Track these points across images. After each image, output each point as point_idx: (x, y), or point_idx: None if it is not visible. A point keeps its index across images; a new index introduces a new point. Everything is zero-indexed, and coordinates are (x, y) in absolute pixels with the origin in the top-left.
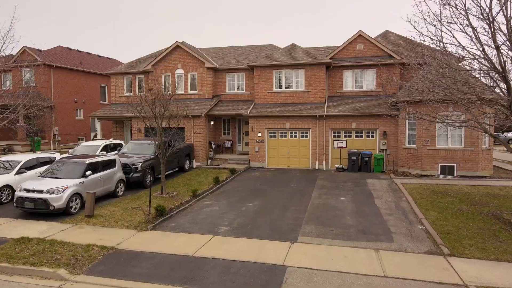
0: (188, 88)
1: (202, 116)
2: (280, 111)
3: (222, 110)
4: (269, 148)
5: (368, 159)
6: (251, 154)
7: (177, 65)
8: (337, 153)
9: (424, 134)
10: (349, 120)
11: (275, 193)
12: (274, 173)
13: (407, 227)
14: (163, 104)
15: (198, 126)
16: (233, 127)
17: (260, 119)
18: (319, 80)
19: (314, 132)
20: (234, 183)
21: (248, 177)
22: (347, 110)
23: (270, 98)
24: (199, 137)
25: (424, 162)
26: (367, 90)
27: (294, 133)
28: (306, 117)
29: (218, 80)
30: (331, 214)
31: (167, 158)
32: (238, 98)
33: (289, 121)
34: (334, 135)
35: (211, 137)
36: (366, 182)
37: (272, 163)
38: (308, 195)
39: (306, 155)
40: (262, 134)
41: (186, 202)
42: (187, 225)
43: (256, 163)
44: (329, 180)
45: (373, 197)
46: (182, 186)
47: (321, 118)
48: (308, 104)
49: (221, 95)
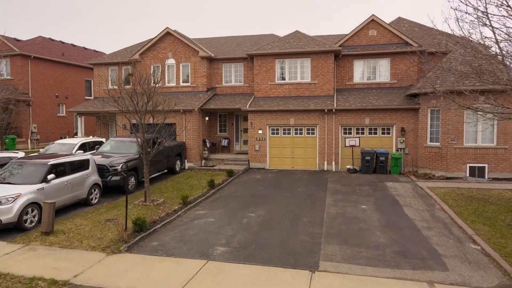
0: (180, 80)
1: (195, 110)
2: (283, 105)
3: (218, 104)
4: (271, 147)
5: (385, 159)
6: (251, 153)
7: (167, 54)
8: (348, 153)
9: (450, 130)
10: (361, 115)
11: (281, 199)
12: (277, 175)
13: (457, 247)
14: (147, 95)
15: (190, 122)
16: (230, 123)
17: (260, 114)
18: (326, 71)
19: (322, 128)
20: (232, 187)
21: (247, 180)
22: (359, 103)
23: (271, 91)
24: (192, 135)
25: (450, 162)
26: (380, 82)
27: (299, 130)
28: (313, 111)
29: (213, 71)
30: (354, 228)
31: (153, 158)
32: (235, 91)
33: (293, 116)
34: (344, 132)
35: (206, 134)
36: (385, 186)
37: (274, 164)
38: (320, 202)
39: (312, 155)
40: (263, 131)
41: (174, 212)
42: (173, 245)
43: (256, 163)
44: (341, 183)
45: (399, 204)
46: (170, 191)
47: (330, 113)
48: (315, 97)
49: (216, 88)
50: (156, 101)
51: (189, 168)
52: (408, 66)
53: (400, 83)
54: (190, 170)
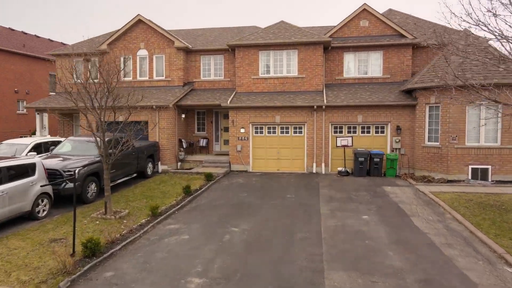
0: (154, 73)
1: (170, 107)
2: (268, 101)
3: (196, 100)
4: (255, 147)
5: (379, 160)
6: (232, 155)
7: (139, 44)
8: (340, 153)
9: (451, 128)
10: (354, 112)
11: (268, 209)
12: (262, 178)
13: (491, 271)
14: (108, 87)
15: (164, 119)
16: (209, 121)
17: (243, 111)
18: (315, 64)
19: (311, 127)
20: (211, 193)
21: (229, 184)
22: (351, 99)
23: (255, 86)
24: (167, 134)
25: (451, 164)
26: (372, 77)
27: (286, 129)
28: (301, 108)
29: (190, 64)
30: (361, 247)
31: (119, 161)
32: (215, 86)
33: (279, 113)
34: (335, 131)
35: (182, 133)
36: (384, 191)
37: (258, 166)
38: (315, 211)
39: (300, 156)
40: (246, 130)
41: (140, 227)
42: (133, 275)
43: (238, 166)
44: (335, 188)
45: (406, 214)
46: (139, 199)
47: (320, 110)
48: (302, 93)
49: (194, 83)
50: (117, 95)
51: (163, 172)
52: (402, 60)
53: (393, 78)
54: (164, 173)
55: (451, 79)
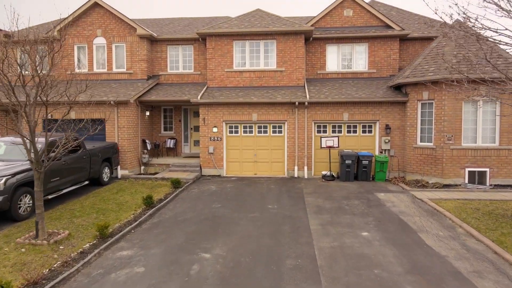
0: (113, 64)
1: (131, 102)
2: (244, 96)
3: (161, 95)
4: (229, 149)
5: (368, 163)
6: (203, 157)
7: (96, 31)
8: (324, 155)
9: (446, 127)
10: (339, 110)
11: (247, 224)
12: (238, 185)
13: None
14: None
15: (125, 117)
16: (177, 120)
17: (215, 107)
18: (296, 56)
19: (292, 126)
20: (177, 204)
21: (199, 193)
22: (336, 95)
23: (229, 80)
24: (127, 134)
25: (446, 166)
26: (357, 71)
27: (264, 128)
28: (281, 104)
29: (156, 55)
30: (370, 280)
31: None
32: (184, 79)
33: (256, 110)
34: (318, 130)
35: (146, 133)
36: (378, 199)
37: (232, 170)
38: (303, 227)
39: (280, 158)
40: (219, 129)
41: (80, 256)
42: None
43: (210, 170)
44: (322, 195)
45: (411, 229)
46: (87, 214)
47: (302, 107)
48: (282, 88)
49: (160, 76)
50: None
51: (123, 177)
52: (388, 53)
53: (379, 72)
54: (124, 180)
55: (446, 72)
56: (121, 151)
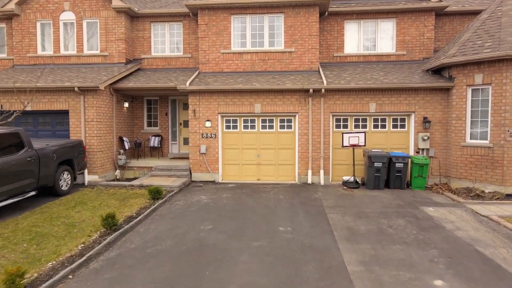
0: (84, 45)
1: (101, 89)
2: (244, 82)
3: (142, 81)
4: (226, 148)
5: (403, 166)
6: (194, 159)
7: (62, 4)
8: (344, 156)
9: (508, 119)
10: (364, 99)
11: (249, 261)
12: (237, 194)
13: None
14: None
15: (94, 108)
16: (163, 113)
17: (208, 97)
18: (308, 33)
19: (305, 119)
20: (152, 226)
21: (185, 206)
22: (360, 80)
23: (226, 64)
24: (98, 129)
25: (509, 170)
26: (382, 53)
27: (270, 122)
28: (291, 92)
29: (137, 35)
30: None
31: None
32: (171, 64)
33: (260, 100)
34: (337, 125)
35: (125, 129)
36: (430, 217)
37: (230, 174)
38: (336, 267)
39: (290, 160)
40: (213, 124)
41: None
42: None
43: (202, 174)
44: (349, 210)
45: (506, 271)
46: (14, 244)
47: (317, 95)
48: (292, 73)
49: (142, 60)
50: None
51: (91, 185)
52: (421, 31)
53: (410, 54)
54: (91, 187)
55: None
56: (89, 151)
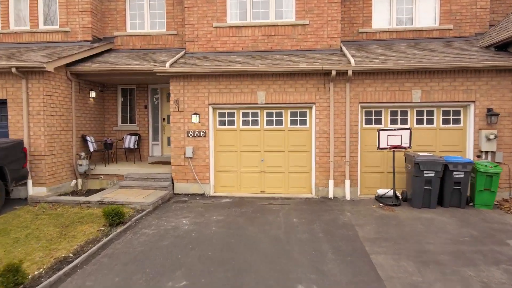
0: (40, 19)
1: (51, 71)
2: (244, 63)
3: (110, 63)
4: (219, 151)
5: (464, 176)
6: (177, 164)
7: None
8: (377, 161)
9: None
10: (405, 84)
11: None
12: (232, 216)
13: None
14: None
15: (41, 97)
16: (141, 105)
17: (196, 82)
18: (327, 0)
19: (324, 112)
20: (89, 282)
21: (153, 239)
22: (400, 59)
23: (220, 41)
24: (47, 125)
25: None
26: (422, 28)
27: (277, 116)
28: (306, 76)
29: (109, 7)
30: None
31: None
32: (152, 43)
33: (264, 86)
34: (367, 120)
35: (91, 126)
36: None
37: (224, 185)
38: None
39: (304, 166)
40: (203, 118)
41: None
42: None
43: (187, 185)
44: (401, 247)
45: None
46: None
47: (341, 80)
48: (305, 53)
49: (115, 38)
50: None
51: (33, 201)
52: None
53: (458, 29)
54: (33, 205)
55: None
56: (34, 154)
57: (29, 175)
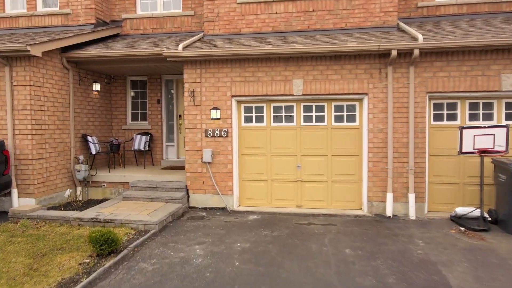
0: (38, 1)
1: (39, 57)
2: (275, 44)
3: (114, 48)
4: (244, 155)
5: None
6: (192, 171)
7: None
8: (452, 169)
9: None
10: (491, 67)
11: None
12: (261, 243)
13: None
14: None
15: (28, 88)
16: (154, 100)
17: (216, 69)
18: None
19: (379, 105)
20: None
21: (156, 278)
22: (485, 34)
23: (245, 20)
24: (35, 123)
25: None
26: (500, 0)
27: (317, 111)
28: (356, 59)
29: None
30: None
31: None
32: (166, 26)
33: (301, 73)
34: (437, 115)
35: (95, 124)
36: None
37: (251, 197)
38: None
39: (352, 174)
40: (224, 114)
41: None
42: None
43: (205, 196)
44: None
45: None
46: None
47: (403, 63)
48: (352, 31)
49: (124, 22)
50: None
51: (15, 216)
52: None
53: None
54: (15, 221)
55: None
56: (19, 158)
57: (13, 184)
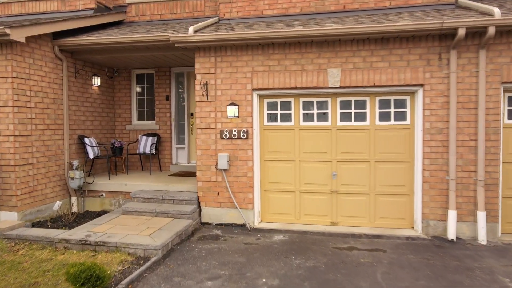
0: None
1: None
2: (306, 25)
3: (114, 34)
4: (267, 160)
5: None
6: (205, 180)
7: None
8: None
9: None
10: None
11: None
12: (292, 276)
13: None
14: None
15: (10, 81)
16: (161, 96)
17: (234, 57)
18: None
19: (438, 99)
20: None
21: None
22: None
23: (267, 1)
24: (18, 122)
25: None
26: None
27: (357, 107)
28: (408, 42)
29: None
30: None
31: None
32: (175, 12)
33: (338, 60)
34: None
35: (95, 124)
36: None
37: (276, 211)
38: None
39: (401, 185)
40: (243, 111)
41: None
42: None
43: (220, 210)
44: None
45: None
46: None
47: (469, 45)
48: (400, 10)
49: (128, 7)
50: None
51: None
52: None
53: None
54: None
55: None
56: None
57: None
